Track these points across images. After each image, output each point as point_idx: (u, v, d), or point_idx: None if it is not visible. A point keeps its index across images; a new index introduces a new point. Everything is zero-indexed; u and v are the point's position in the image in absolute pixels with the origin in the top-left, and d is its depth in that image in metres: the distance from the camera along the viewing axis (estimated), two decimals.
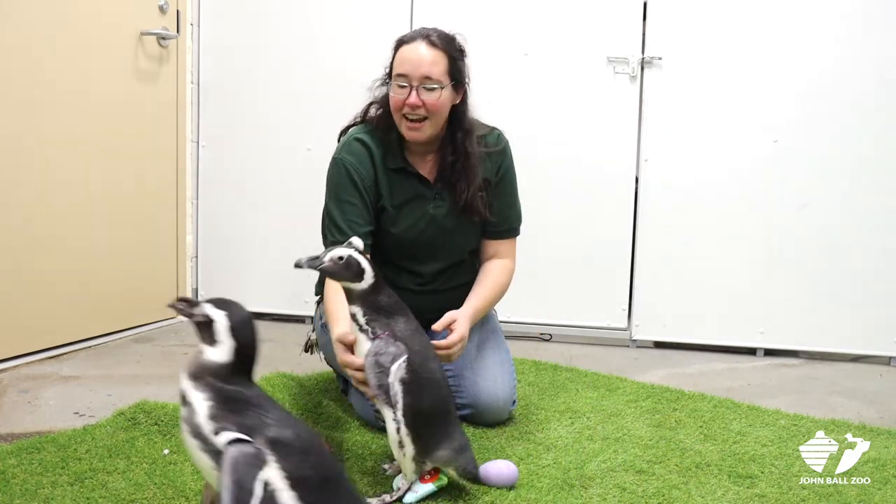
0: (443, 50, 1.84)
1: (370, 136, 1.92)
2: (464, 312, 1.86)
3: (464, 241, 2.00)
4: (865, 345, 2.80)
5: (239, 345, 1.21)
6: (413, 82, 1.81)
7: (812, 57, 2.74)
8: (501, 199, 2.00)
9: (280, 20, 3.05)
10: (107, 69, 2.69)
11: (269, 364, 2.43)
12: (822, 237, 2.78)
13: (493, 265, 2.02)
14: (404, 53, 1.84)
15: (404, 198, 1.93)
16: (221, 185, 3.14)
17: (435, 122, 1.86)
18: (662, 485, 1.60)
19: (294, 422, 1.22)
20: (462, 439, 1.55)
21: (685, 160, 2.84)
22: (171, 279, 3.05)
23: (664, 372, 2.56)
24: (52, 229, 2.51)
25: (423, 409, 1.50)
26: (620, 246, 2.90)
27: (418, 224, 1.93)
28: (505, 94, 2.88)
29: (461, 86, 1.89)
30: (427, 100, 1.81)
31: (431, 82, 1.81)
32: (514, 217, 2.05)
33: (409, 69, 1.81)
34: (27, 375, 2.30)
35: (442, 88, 1.83)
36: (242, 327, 1.23)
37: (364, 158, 1.89)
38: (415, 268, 1.98)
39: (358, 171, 1.88)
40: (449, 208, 1.94)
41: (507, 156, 2.01)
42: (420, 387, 1.50)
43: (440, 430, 1.52)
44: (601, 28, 2.85)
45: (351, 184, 1.88)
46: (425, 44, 1.83)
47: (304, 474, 1.16)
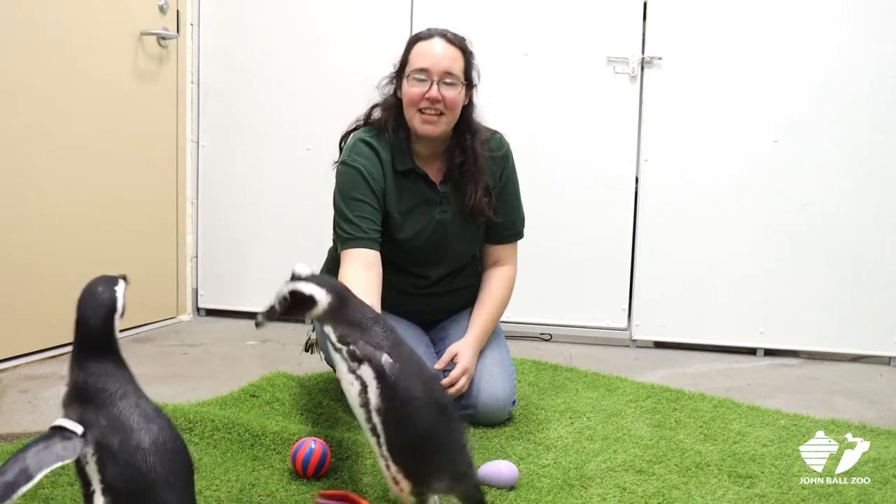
0: (460, 49, 1.87)
1: (377, 140, 1.91)
2: (466, 343, 1.91)
3: (469, 245, 2.01)
4: (865, 345, 2.80)
5: (79, 317, 1.12)
6: (434, 76, 1.82)
7: (812, 57, 2.74)
8: (505, 204, 2.00)
9: (280, 20, 3.05)
10: (107, 69, 2.69)
11: (269, 364, 2.44)
12: (822, 237, 2.78)
13: (494, 280, 2.03)
14: (423, 49, 1.85)
15: (411, 203, 1.92)
16: (221, 185, 3.14)
17: (450, 120, 1.86)
18: (662, 485, 1.60)
19: (143, 424, 1.09)
20: (463, 461, 1.33)
21: (685, 160, 2.84)
22: (171, 279, 3.05)
23: (664, 372, 2.56)
24: (51, 229, 2.51)
25: (409, 440, 1.27)
26: (620, 246, 2.90)
27: (425, 230, 1.93)
28: (505, 95, 2.88)
29: (471, 88, 1.90)
30: (447, 95, 1.83)
31: (452, 77, 1.83)
32: (518, 221, 2.05)
33: (430, 63, 1.82)
34: (27, 375, 2.30)
35: (462, 86, 1.85)
36: (85, 297, 1.16)
37: (374, 161, 1.88)
38: (419, 272, 1.98)
39: (371, 174, 1.87)
40: (454, 213, 1.94)
41: (509, 160, 2.01)
42: (401, 415, 1.27)
43: (435, 459, 1.30)
44: (601, 28, 2.85)
45: (364, 183, 1.86)
46: (444, 41, 1.85)
47: (117, 485, 1.03)
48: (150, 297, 2.95)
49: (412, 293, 1.99)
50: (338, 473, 1.59)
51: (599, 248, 2.90)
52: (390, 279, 1.90)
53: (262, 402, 2.02)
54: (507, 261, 2.05)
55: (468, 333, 1.95)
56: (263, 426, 1.77)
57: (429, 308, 2.03)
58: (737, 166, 2.81)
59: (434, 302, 2.02)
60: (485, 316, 1.98)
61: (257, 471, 1.59)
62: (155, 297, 2.98)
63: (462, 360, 1.88)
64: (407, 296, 1.99)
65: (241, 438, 1.73)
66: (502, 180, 1.99)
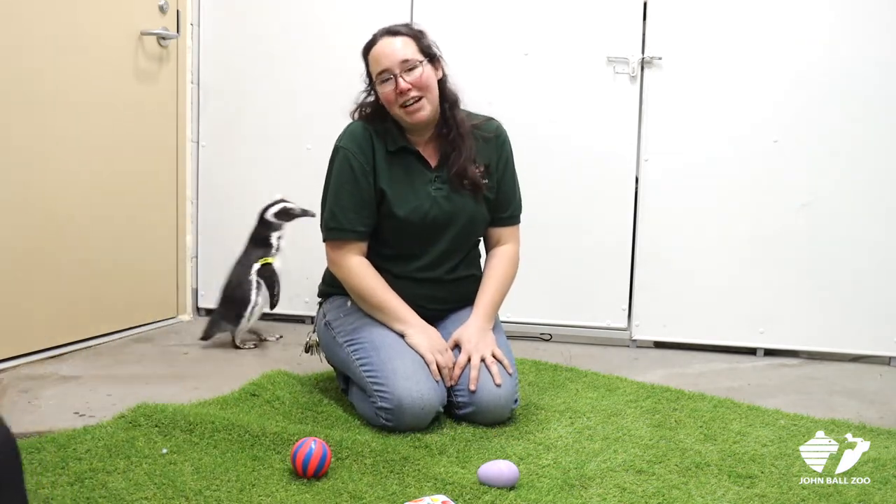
0: (405, 34, 1.95)
1: (370, 122, 2.00)
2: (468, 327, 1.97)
3: (469, 224, 2.04)
4: (865, 345, 2.80)
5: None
6: (395, 71, 1.90)
7: (812, 57, 2.74)
8: (506, 187, 2.08)
9: (280, 20, 3.05)
10: (107, 69, 2.69)
11: (269, 363, 2.44)
12: (822, 237, 2.78)
13: (495, 259, 2.10)
14: (376, 53, 1.94)
15: (405, 180, 1.98)
16: (221, 185, 3.14)
17: (431, 98, 1.95)
18: (662, 485, 1.60)
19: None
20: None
21: (685, 160, 2.84)
22: (171, 279, 3.06)
23: (664, 372, 2.56)
24: (51, 229, 2.51)
25: None
26: (620, 246, 2.90)
27: (422, 205, 1.98)
28: (505, 95, 2.88)
29: (436, 60, 1.98)
30: (412, 79, 1.90)
31: (410, 63, 1.91)
32: (516, 205, 2.13)
33: (387, 63, 1.91)
34: (27, 375, 2.30)
35: (422, 64, 1.92)
36: None
37: (364, 143, 1.97)
38: (419, 251, 2.01)
39: (357, 158, 1.95)
40: (449, 191, 1.99)
41: (507, 144, 2.10)
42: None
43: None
44: (601, 28, 2.85)
45: (350, 173, 1.95)
46: (389, 36, 1.95)
47: None
48: (150, 297, 2.95)
49: (413, 280, 2.01)
50: (338, 473, 1.59)
51: (600, 248, 2.90)
52: (394, 265, 1.99)
53: (262, 401, 2.02)
54: (508, 240, 2.12)
55: (471, 317, 2.00)
56: (263, 426, 1.77)
57: (431, 297, 2.04)
58: (737, 166, 2.81)
59: (439, 289, 2.04)
60: (488, 295, 2.04)
61: (257, 471, 1.59)
62: (155, 297, 2.98)
63: (465, 344, 1.94)
64: (408, 283, 2.00)
65: (241, 438, 1.73)
66: (501, 163, 2.07)
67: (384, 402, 1.83)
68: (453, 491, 1.52)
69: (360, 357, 1.93)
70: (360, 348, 1.94)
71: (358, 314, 2.01)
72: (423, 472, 1.60)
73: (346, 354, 1.97)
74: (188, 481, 1.53)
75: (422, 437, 1.80)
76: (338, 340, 2.01)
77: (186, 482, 1.52)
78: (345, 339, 1.99)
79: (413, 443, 1.76)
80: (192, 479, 1.54)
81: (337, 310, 2.06)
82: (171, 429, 1.76)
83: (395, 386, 1.82)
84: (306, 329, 2.64)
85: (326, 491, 1.51)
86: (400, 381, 1.83)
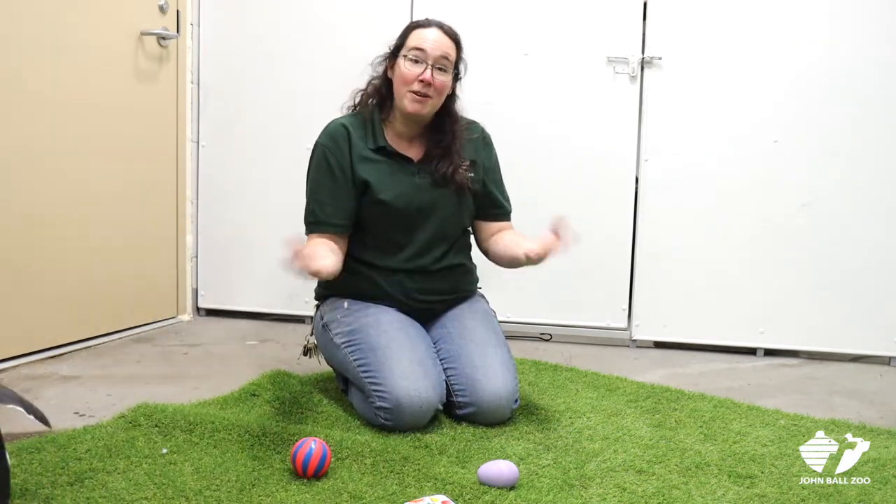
0: (454, 40, 2.00)
1: (352, 118, 2.04)
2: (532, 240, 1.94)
3: (455, 213, 2.07)
4: (865, 345, 2.80)
5: None
6: (430, 60, 1.94)
7: (812, 57, 2.74)
8: (497, 186, 2.15)
9: (280, 20, 3.05)
10: (107, 69, 2.69)
11: (269, 364, 2.44)
12: (822, 237, 2.78)
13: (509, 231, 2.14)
14: (422, 33, 1.98)
15: (387, 171, 2.01)
16: (221, 185, 3.14)
17: (435, 103, 1.99)
18: (662, 485, 1.60)
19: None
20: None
21: (685, 160, 2.84)
22: (171, 279, 3.06)
23: (664, 372, 2.56)
24: (51, 229, 2.51)
25: None
26: (620, 246, 2.90)
27: (406, 193, 2.01)
28: (505, 95, 2.88)
29: (457, 79, 2.04)
30: (438, 79, 1.95)
31: (447, 64, 1.96)
32: (507, 202, 2.19)
33: (429, 46, 1.95)
34: (27, 375, 2.30)
35: (449, 73, 1.98)
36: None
37: (342, 140, 2.00)
38: (403, 240, 2.03)
39: (334, 154, 2.00)
40: (432, 181, 2.03)
41: (492, 147, 2.17)
42: None
43: None
44: (601, 28, 2.85)
45: (328, 168, 2.00)
46: (441, 31, 1.98)
47: None
48: (150, 297, 2.95)
49: (400, 270, 2.02)
50: (338, 473, 1.59)
51: (599, 248, 2.90)
52: (381, 258, 2.02)
53: (262, 401, 2.02)
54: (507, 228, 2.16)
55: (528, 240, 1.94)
56: (263, 426, 1.77)
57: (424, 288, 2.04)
58: (737, 166, 2.81)
59: (428, 280, 2.04)
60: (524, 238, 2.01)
61: (257, 471, 1.59)
62: (155, 297, 2.98)
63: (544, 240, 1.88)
64: (394, 274, 2.02)
65: (241, 438, 1.73)
66: (490, 163, 2.13)
67: (382, 401, 1.83)
68: (453, 491, 1.52)
69: (358, 358, 1.93)
70: (358, 349, 1.94)
71: (355, 315, 2.01)
72: (423, 472, 1.60)
73: (344, 356, 1.97)
74: (188, 481, 1.53)
75: (422, 437, 1.80)
76: (335, 342, 2.01)
77: (186, 482, 1.52)
78: (342, 341, 1.99)
79: (413, 443, 1.76)
80: (192, 479, 1.54)
81: (334, 311, 2.06)
82: (171, 429, 1.76)
83: (393, 385, 1.82)
84: (306, 329, 2.64)
85: (326, 491, 1.51)
86: (398, 381, 1.83)
